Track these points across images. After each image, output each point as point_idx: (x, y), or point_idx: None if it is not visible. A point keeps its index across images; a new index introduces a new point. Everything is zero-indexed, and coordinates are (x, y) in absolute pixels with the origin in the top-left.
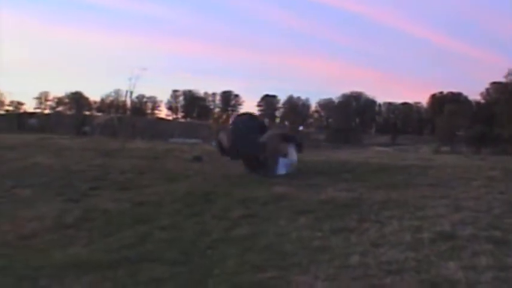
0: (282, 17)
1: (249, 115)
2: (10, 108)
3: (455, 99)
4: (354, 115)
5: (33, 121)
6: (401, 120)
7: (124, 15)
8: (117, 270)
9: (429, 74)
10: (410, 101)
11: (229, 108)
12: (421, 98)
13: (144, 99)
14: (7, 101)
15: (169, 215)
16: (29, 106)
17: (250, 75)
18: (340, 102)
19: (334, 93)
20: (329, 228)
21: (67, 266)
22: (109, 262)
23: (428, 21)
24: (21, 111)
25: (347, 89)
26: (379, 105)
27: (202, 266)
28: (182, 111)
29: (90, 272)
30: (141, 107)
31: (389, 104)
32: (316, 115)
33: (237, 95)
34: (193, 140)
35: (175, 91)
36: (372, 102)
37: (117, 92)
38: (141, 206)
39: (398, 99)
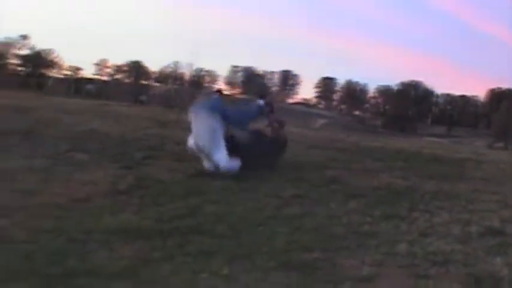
0: (347, 1)
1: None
2: (68, 72)
3: None
4: (411, 104)
5: (90, 87)
6: (458, 113)
7: None
8: (166, 240)
9: (489, 69)
10: (468, 94)
11: (287, 87)
12: (479, 91)
13: (203, 73)
14: (65, 65)
15: (222, 189)
16: (87, 72)
17: (311, 56)
18: (398, 90)
19: (393, 80)
20: (379, 214)
21: (117, 231)
22: (159, 231)
23: (498, 19)
24: (79, 76)
25: (406, 77)
26: (437, 95)
27: (251, 242)
28: (240, 87)
29: (139, 240)
30: (199, 80)
31: (447, 95)
32: (373, 101)
33: (295, 75)
34: None
35: (234, 66)
36: (429, 92)
37: (176, 63)
38: (194, 178)
39: (456, 91)
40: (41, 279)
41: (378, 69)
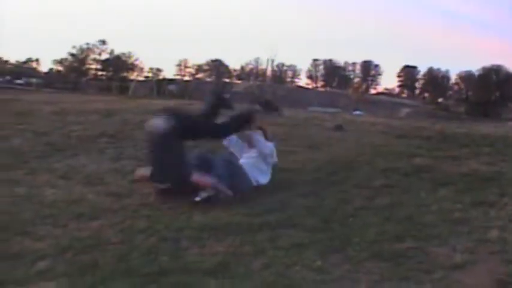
0: None
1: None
2: (149, 74)
3: None
4: (493, 88)
5: (172, 87)
6: None
7: None
8: (256, 234)
9: None
10: None
11: (369, 78)
12: None
13: (284, 68)
14: (146, 67)
15: (311, 182)
16: (168, 73)
17: (391, 45)
18: (480, 75)
19: (474, 65)
20: (469, 201)
21: (207, 228)
22: (249, 226)
23: None
24: (161, 77)
25: (487, 62)
26: None
27: (342, 234)
28: (322, 80)
29: (230, 235)
30: (281, 75)
31: None
32: (456, 87)
33: (377, 65)
34: (333, 109)
35: (315, 60)
36: (511, 76)
37: (257, 60)
38: (282, 173)
39: None
40: (136, 279)
41: (459, 55)
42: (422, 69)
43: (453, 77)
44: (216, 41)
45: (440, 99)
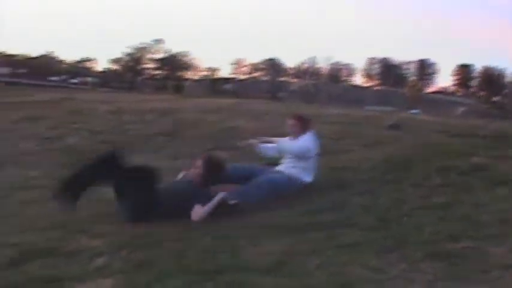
0: None
1: None
2: (205, 73)
3: None
4: None
5: (228, 86)
6: None
7: None
8: (313, 234)
9: None
10: None
11: (425, 77)
12: None
13: (340, 66)
14: (202, 66)
15: (366, 181)
16: (224, 72)
17: (447, 43)
18: None
19: None
20: None
21: (264, 227)
22: (306, 225)
23: None
24: (216, 77)
25: None
26: None
27: (398, 233)
28: (377, 79)
29: (287, 235)
30: (336, 74)
31: None
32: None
33: (432, 64)
34: (389, 108)
35: (371, 58)
36: None
37: (312, 59)
38: (338, 172)
39: None
40: (192, 276)
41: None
42: (478, 67)
43: (510, 75)
44: (271, 39)
45: (495, 98)
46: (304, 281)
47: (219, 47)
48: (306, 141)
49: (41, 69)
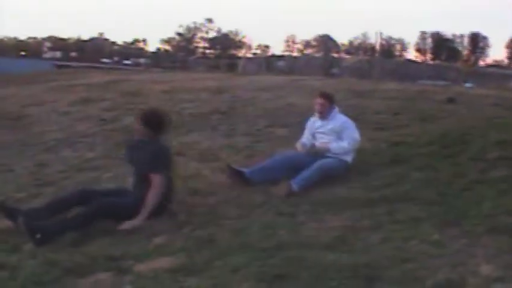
0: None
1: None
2: (258, 51)
3: None
4: None
5: (281, 63)
6: None
7: None
8: (374, 209)
9: None
10: None
11: (478, 50)
12: None
13: (392, 41)
14: (254, 44)
15: (425, 155)
16: (276, 49)
17: (499, 16)
18: None
19: None
20: None
21: (324, 203)
22: (366, 200)
23: None
24: (269, 54)
25: None
26: None
27: (458, 207)
28: (430, 53)
29: (347, 210)
30: (389, 49)
31: None
32: None
33: (485, 37)
34: (443, 82)
35: (423, 33)
36: None
37: (365, 34)
38: (397, 146)
39: None
40: (253, 253)
41: None
42: None
43: None
44: (323, 15)
45: None
46: (365, 256)
47: (270, 24)
48: (354, 132)
49: (94, 51)
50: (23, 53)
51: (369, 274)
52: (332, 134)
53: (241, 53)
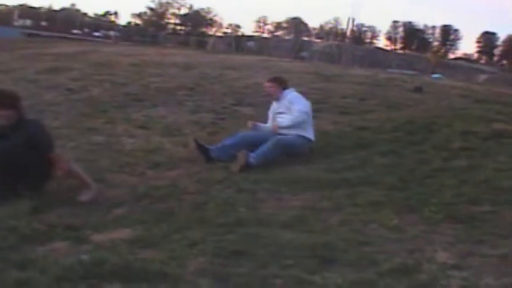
0: None
1: None
2: (228, 30)
3: None
4: None
5: (251, 43)
6: None
7: None
8: (334, 191)
9: None
10: None
11: (448, 42)
12: None
13: (364, 28)
14: (225, 23)
15: (390, 141)
16: (247, 30)
17: (471, 10)
18: None
19: None
20: None
21: (285, 182)
22: (328, 182)
23: None
24: (239, 34)
25: None
26: None
27: (419, 194)
28: (401, 43)
29: (308, 190)
30: (360, 36)
31: None
32: None
33: (456, 30)
34: (411, 72)
35: (395, 22)
36: None
37: (336, 19)
38: (361, 131)
39: None
40: (212, 228)
41: None
42: (502, 35)
43: None
44: None
45: None
46: (323, 237)
47: (242, 4)
48: (299, 104)
49: (64, 22)
50: None
51: (326, 255)
52: (286, 112)
53: (212, 31)
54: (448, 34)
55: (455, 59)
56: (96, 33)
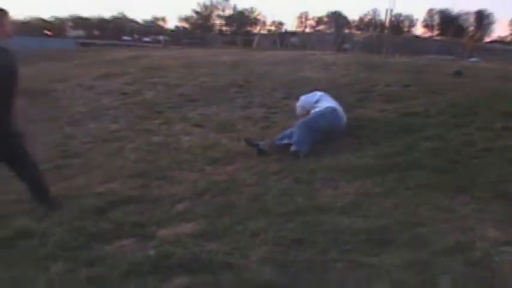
0: None
1: None
2: (272, 28)
3: None
4: None
5: (294, 39)
6: None
7: None
8: (386, 176)
9: None
10: None
11: (483, 27)
12: None
13: (401, 18)
14: (268, 21)
15: (435, 125)
16: (290, 26)
17: None
18: None
19: None
20: None
21: (338, 170)
22: (378, 168)
23: None
24: (283, 31)
25: None
26: None
27: (467, 175)
28: (437, 29)
29: (360, 177)
30: (398, 25)
31: None
32: None
33: (489, 14)
34: (450, 57)
35: (431, 10)
36: None
37: (374, 11)
38: (407, 117)
39: None
40: (272, 218)
41: None
42: None
43: None
44: None
45: None
46: (379, 221)
47: (284, 1)
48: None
49: (115, 30)
50: (48, 33)
51: (382, 238)
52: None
53: (257, 29)
54: (482, 19)
55: (491, 42)
56: (146, 39)
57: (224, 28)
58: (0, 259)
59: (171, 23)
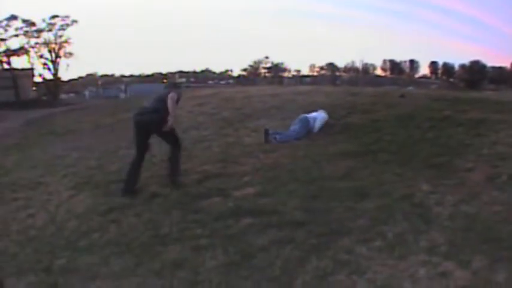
0: None
1: None
2: (294, 73)
3: None
4: None
5: (307, 80)
6: None
7: None
8: (364, 157)
9: None
10: None
11: (412, 69)
12: None
13: (368, 65)
14: (292, 69)
15: (390, 127)
16: (304, 71)
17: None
18: None
19: None
20: None
21: (336, 154)
22: (359, 152)
23: None
24: (301, 75)
25: None
26: None
27: (409, 154)
28: (389, 71)
29: (351, 158)
30: (367, 69)
31: None
32: None
33: (417, 61)
34: (395, 87)
35: (384, 60)
36: None
37: (353, 61)
38: (374, 122)
39: None
40: (300, 183)
41: None
42: (440, 63)
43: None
44: (329, 48)
45: (451, 79)
46: (360, 183)
47: (301, 56)
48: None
49: (203, 78)
50: (164, 80)
51: (362, 192)
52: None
53: (285, 74)
54: (413, 63)
55: (419, 77)
56: (222, 82)
57: (267, 74)
58: (151, 207)
59: (236, 72)
